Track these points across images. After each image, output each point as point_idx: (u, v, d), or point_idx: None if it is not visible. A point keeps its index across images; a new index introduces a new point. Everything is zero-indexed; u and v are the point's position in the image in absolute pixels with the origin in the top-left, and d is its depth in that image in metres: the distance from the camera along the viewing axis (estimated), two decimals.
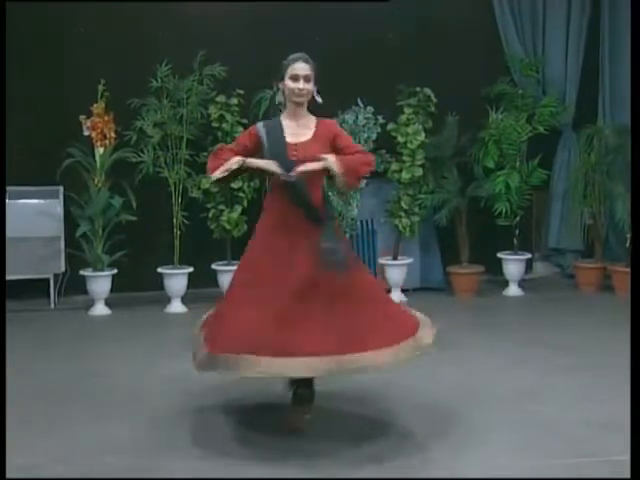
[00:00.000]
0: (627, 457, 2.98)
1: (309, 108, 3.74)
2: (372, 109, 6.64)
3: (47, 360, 5.08)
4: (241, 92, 6.58)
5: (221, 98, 6.54)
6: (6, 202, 6.25)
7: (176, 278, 6.58)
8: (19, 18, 6.39)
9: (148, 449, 3.60)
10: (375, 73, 6.97)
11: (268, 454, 3.50)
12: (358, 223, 6.94)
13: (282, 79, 3.67)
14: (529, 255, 7.23)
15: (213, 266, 6.66)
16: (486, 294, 7.02)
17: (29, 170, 6.49)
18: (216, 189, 6.47)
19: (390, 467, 3.36)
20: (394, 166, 6.77)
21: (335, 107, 6.53)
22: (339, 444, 3.60)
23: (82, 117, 6.34)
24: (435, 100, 6.79)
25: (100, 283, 6.45)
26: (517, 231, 7.09)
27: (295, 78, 3.63)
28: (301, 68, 3.64)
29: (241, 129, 6.23)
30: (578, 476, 3.25)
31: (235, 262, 6.38)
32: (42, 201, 6.56)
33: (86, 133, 6.37)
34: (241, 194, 6.50)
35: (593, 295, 6.98)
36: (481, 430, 3.74)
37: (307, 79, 3.64)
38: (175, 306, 6.56)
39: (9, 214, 6.24)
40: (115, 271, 6.50)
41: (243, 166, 3.62)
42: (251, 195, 6.50)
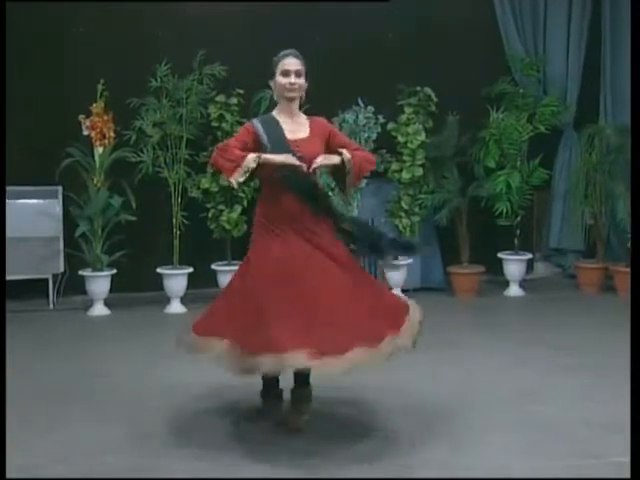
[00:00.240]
0: (628, 458, 2.96)
1: (303, 108, 3.74)
2: (372, 109, 6.64)
3: (47, 360, 5.07)
4: (241, 92, 6.57)
5: (221, 98, 6.54)
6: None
7: (176, 278, 6.57)
8: (19, 18, 6.39)
9: (148, 449, 3.59)
10: (375, 73, 6.97)
11: (267, 454, 3.49)
12: None
13: (273, 76, 3.67)
14: (530, 255, 7.22)
15: (213, 266, 6.65)
16: (487, 294, 7.01)
17: (28, 170, 6.48)
18: (216, 189, 6.47)
19: (390, 467, 3.35)
20: (394, 166, 6.76)
21: (335, 107, 6.54)
22: (338, 444, 3.59)
23: (81, 117, 6.33)
24: (436, 100, 6.79)
25: (99, 283, 6.44)
26: (518, 231, 7.09)
27: (286, 73, 3.63)
28: (292, 63, 3.64)
29: None
30: (579, 477, 3.24)
31: (235, 262, 6.42)
32: (41, 201, 6.55)
33: (85, 133, 6.36)
34: (241, 194, 6.49)
35: (594, 295, 6.96)
36: (481, 430, 3.73)
37: (298, 74, 3.64)
38: (175, 306, 6.55)
39: (8, 214, 6.22)
40: (114, 271, 6.49)
41: (259, 162, 3.55)
42: (251, 195, 6.49)
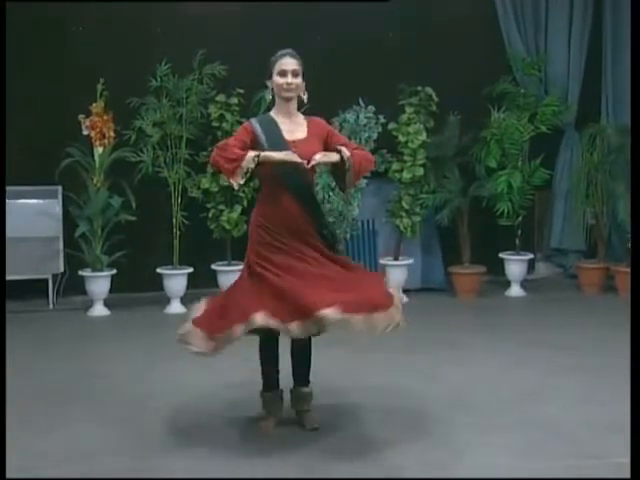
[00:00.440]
0: (628, 459, 2.95)
1: (303, 108, 3.73)
2: (373, 108, 6.62)
3: (47, 360, 5.07)
4: (241, 91, 6.56)
5: (221, 97, 6.52)
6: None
7: (175, 278, 6.55)
8: (19, 18, 6.37)
9: (148, 449, 3.58)
10: (376, 73, 6.96)
11: (268, 454, 3.49)
12: (359, 223, 6.91)
13: (270, 76, 3.67)
14: (531, 255, 7.20)
15: (213, 266, 6.63)
16: (488, 295, 6.99)
17: (28, 170, 6.47)
18: (216, 189, 6.46)
19: (390, 467, 3.35)
20: (395, 166, 6.74)
21: (336, 107, 6.53)
22: (338, 444, 3.59)
23: (81, 116, 6.32)
24: (436, 99, 6.76)
25: (99, 283, 6.43)
26: (519, 231, 7.07)
27: (283, 73, 3.63)
28: (288, 63, 3.64)
29: None
30: (579, 477, 3.23)
31: (235, 262, 6.41)
32: (41, 201, 6.54)
33: (85, 132, 6.34)
34: (241, 194, 6.48)
35: (596, 296, 6.95)
36: (482, 431, 3.72)
37: (295, 74, 3.64)
38: (175, 307, 6.53)
39: (8, 214, 6.21)
40: (114, 271, 6.48)
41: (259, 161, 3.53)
42: (251, 195, 6.47)
